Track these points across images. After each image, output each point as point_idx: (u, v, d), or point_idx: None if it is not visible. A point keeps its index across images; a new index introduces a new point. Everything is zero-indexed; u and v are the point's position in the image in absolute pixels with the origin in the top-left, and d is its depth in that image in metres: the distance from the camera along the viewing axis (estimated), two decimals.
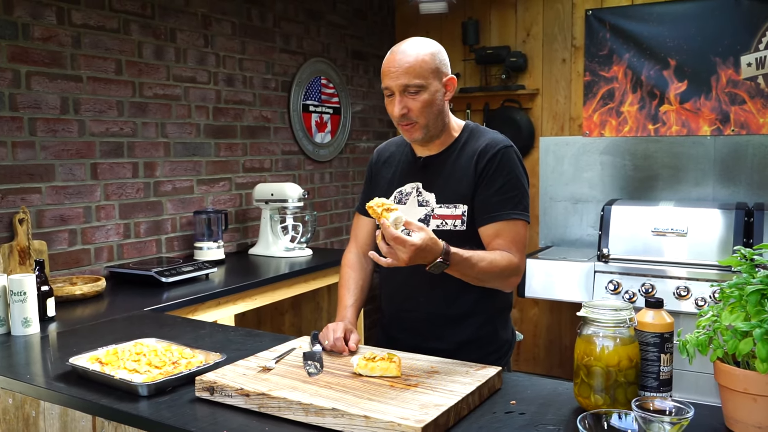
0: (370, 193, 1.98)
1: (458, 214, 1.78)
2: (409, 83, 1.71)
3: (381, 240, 1.52)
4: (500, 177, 1.75)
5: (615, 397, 1.32)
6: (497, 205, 1.75)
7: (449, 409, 1.30)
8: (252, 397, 1.39)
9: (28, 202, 2.67)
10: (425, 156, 1.87)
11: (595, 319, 1.35)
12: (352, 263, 2.00)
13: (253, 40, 3.77)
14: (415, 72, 1.71)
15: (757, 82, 3.80)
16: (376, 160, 2.02)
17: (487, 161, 1.76)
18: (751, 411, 1.21)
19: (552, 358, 4.56)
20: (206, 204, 3.51)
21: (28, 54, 2.66)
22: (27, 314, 2.05)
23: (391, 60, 1.74)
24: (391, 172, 1.95)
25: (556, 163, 4.41)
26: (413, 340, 1.83)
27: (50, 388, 1.59)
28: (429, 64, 1.73)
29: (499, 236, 1.74)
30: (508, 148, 1.80)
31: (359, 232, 2.03)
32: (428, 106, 1.74)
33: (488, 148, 1.78)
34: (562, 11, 4.38)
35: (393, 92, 1.74)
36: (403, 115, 1.74)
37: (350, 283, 1.95)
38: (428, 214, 1.81)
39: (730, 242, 3.40)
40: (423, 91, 1.72)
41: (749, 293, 1.23)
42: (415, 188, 1.86)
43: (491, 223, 1.75)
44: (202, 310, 2.62)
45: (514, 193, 1.76)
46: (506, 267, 1.70)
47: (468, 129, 1.88)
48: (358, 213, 2.04)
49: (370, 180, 2.02)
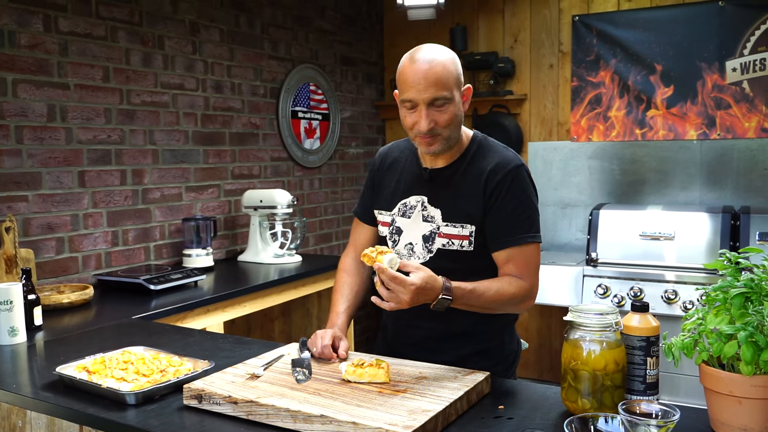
0: (372, 199, 1.94)
1: (465, 234, 1.72)
2: (437, 96, 1.62)
3: (380, 285, 1.50)
4: (512, 199, 1.70)
5: (602, 401, 1.33)
6: (510, 230, 1.70)
7: (437, 415, 1.31)
8: (240, 404, 1.39)
9: (15, 210, 2.65)
10: (432, 168, 1.79)
11: (582, 324, 1.35)
12: (349, 268, 1.97)
13: (241, 46, 3.77)
14: (442, 84, 1.62)
15: (742, 87, 3.83)
16: (380, 164, 1.94)
17: (498, 183, 1.70)
18: (737, 413, 1.22)
19: (542, 363, 4.57)
20: (195, 211, 3.50)
21: (14, 62, 2.64)
22: (14, 323, 2.04)
23: (414, 70, 1.63)
24: (394, 181, 1.87)
25: (545, 168, 4.43)
26: (419, 354, 1.75)
27: (37, 398, 1.58)
28: (453, 74, 1.65)
29: (510, 261, 1.70)
30: (519, 167, 1.73)
31: (358, 236, 1.99)
32: (454, 118, 1.66)
33: (498, 168, 1.72)
34: (549, 17, 4.41)
35: (417, 104, 1.64)
36: (430, 129, 1.65)
37: (345, 288, 1.92)
38: (434, 231, 1.76)
39: (717, 245, 3.43)
40: (449, 103, 1.64)
41: (733, 296, 1.24)
42: (420, 202, 1.80)
43: (504, 249, 1.70)
44: (191, 317, 2.61)
45: (527, 215, 1.72)
46: (515, 294, 1.67)
47: (476, 141, 1.80)
48: (357, 218, 2.00)
49: (372, 186, 1.94)
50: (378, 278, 1.50)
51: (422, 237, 1.78)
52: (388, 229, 1.86)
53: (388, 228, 1.86)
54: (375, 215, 1.93)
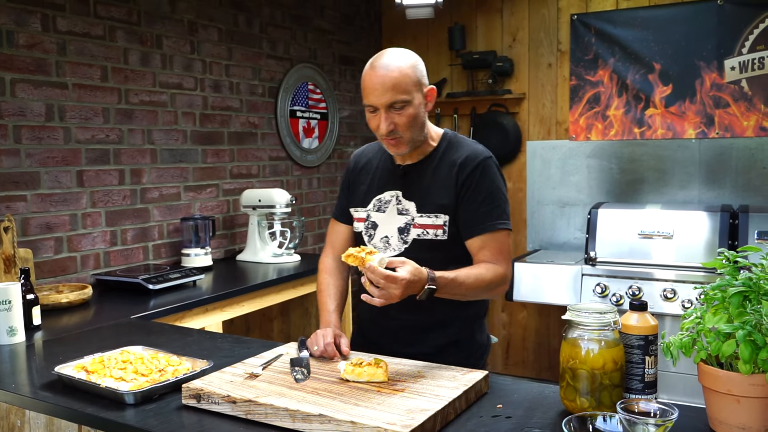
0: (347, 199, 2.00)
1: (440, 224, 1.80)
2: (395, 99, 1.70)
3: (369, 284, 1.53)
4: (483, 189, 1.78)
5: (600, 400, 1.33)
6: (482, 218, 1.77)
7: (436, 414, 1.31)
8: (239, 404, 1.39)
9: (14, 209, 2.65)
10: (405, 164, 1.88)
11: (580, 323, 1.36)
12: (330, 269, 2.01)
13: (239, 46, 3.76)
14: (400, 88, 1.70)
15: (740, 85, 3.83)
16: (354, 166, 2.02)
17: (469, 173, 1.79)
18: (735, 412, 1.22)
19: (541, 361, 4.58)
20: (193, 210, 3.50)
21: (12, 61, 2.64)
22: (12, 323, 2.04)
23: (372, 76, 1.72)
24: (369, 179, 1.95)
25: (543, 167, 4.43)
26: (395, 345, 1.84)
27: (36, 398, 1.57)
28: (411, 77, 1.73)
29: (484, 248, 1.77)
30: (488, 159, 1.83)
31: (336, 237, 2.04)
32: (413, 119, 1.74)
33: (468, 160, 1.81)
34: (548, 16, 4.41)
35: (377, 108, 1.73)
36: (390, 131, 1.73)
37: (330, 288, 1.96)
38: (408, 222, 1.82)
39: (716, 244, 3.43)
40: (408, 105, 1.72)
41: (731, 295, 1.24)
42: (394, 196, 1.87)
43: (477, 236, 1.78)
44: (190, 317, 2.61)
45: (497, 203, 1.79)
46: (492, 279, 1.73)
47: (447, 138, 1.89)
48: (335, 219, 2.05)
49: (348, 186, 2.02)
50: (366, 277, 1.53)
51: (397, 229, 1.84)
52: (363, 224, 1.92)
53: (364, 223, 1.92)
54: (351, 214, 1.98)
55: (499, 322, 4.71)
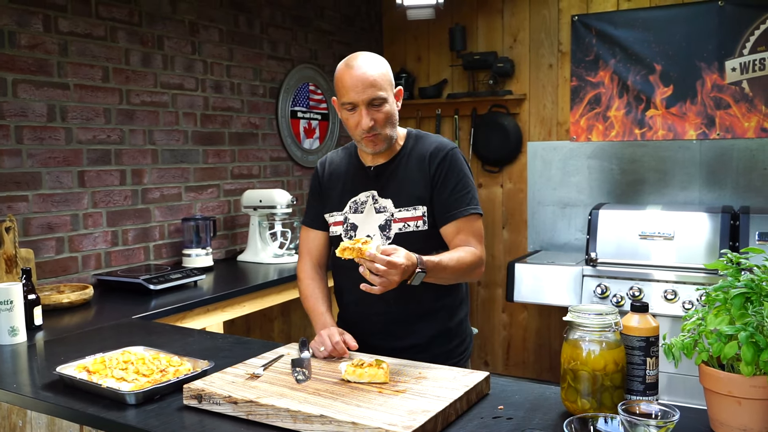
0: (320, 206, 2.01)
1: (419, 215, 1.86)
2: (375, 96, 1.77)
3: (369, 273, 1.54)
4: (453, 177, 1.86)
5: (601, 401, 1.33)
6: (454, 204, 1.84)
7: (437, 415, 1.31)
8: (240, 404, 1.39)
9: (15, 210, 2.65)
10: (376, 165, 1.92)
11: (581, 324, 1.36)
12: (311, 275, 2.02)
13: (240, 46, 3.77)
14: (378, 85, 1.78)
15: (741, 86, 3.84)
16: (322, 172, 2.03)
17: (438, 163, 1.86)
18: (736, 414, 1.22)
19: (542, 362, 4.58)
20: (194, 211, 3.50)
21: (14, 62, 2.64)
22: (14, 323, 2.04)
23: (351, 75, 1.78)
24: (341, 183, 1.98)
25: (544, 168, 4.44)
26: (385, 340, 1.88)
27: (37, 398, 1.58)
28: (386, 76, 1.81)
29: (460, 232, 1.84)
30: (454, 149, 1.91)
31: (311, 245, 2.04)
32: (390, 116, 1.82)
33: (437, 151, 1.88)
34: (549, 17, 4.41)
35: (356, 106, 1.78)
36: (371, 127, 1.78)
37: (316, 292, 1.98)
38: (388, 219, 1.86)
39: (717, 245, 3.43)
40: (385, 102, 1.80)
41: (734, 296, 1.24)
42: (370, 196, 1.91)
43: (451, 222, 1.84)
44: (191, 317, 2.61)
45: (466, 190, 1.86)
46: (472, 261, 1.80)
47: (412, 135, 1.96)
48: (306, 227, 2.05)
49: (319, 194, 2.02)
50: (365, 267, 1.54)
51: (378, 227, 1.88)
52: (342, 227, 1.94)
53: (342, 226, 1.94)
54: (326, 219, 1.99)
55: (499, 322, 4.71)
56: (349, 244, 1.56)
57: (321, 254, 2.04)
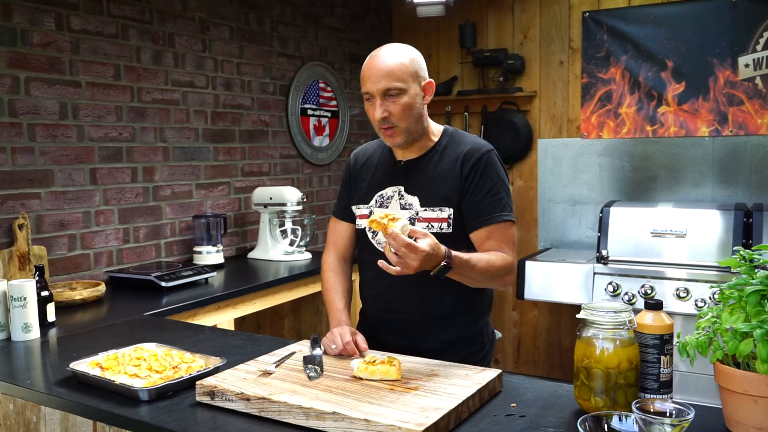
0: (348, 196, 2.00)
1: (444, 217, 1.80)
2: (390, 86, 1.73)
3: (390, 251, 1.52)
4: (487, 181, 1.79)
5: (615, 399, 1.32)
6: (487, 209, 1.78)
7: (450, 412, 1.30)
8: (252, 401, 1.39)
9: (28, 207, 2.67)
10: (406, 160, 1.88)
11: (595, 322, 1.35)
12: (335, 267, 2.01)
13: (250, 44, 3.77)
14: (395, 75, 1.73)
15: (754, 83, 3.80)
16: (354, 163, 2.02)
17: (473, 165, 1.80)
18: (752, 412, 1.21)
19: (552, 360, 4.56)
20: (205, 208, 3.51)
21: (27, 60, 2.66)
22: (27, 319, 2.05)
23: (370, 65, 1.76)
24: (370, 175, 1.95)
25: (555, 165, 4.42)
26: (401, 341, 1.85)
27: (51, 393, 1.59)
28: (408, 67, 1.75)
29: (491, 238, 1.78)
30: (490, 152, 1.84)
31: (338, 236, 2.04)
32: (408, 109, 1.76)
33: (472, 152, 1.81)
34: (559, 13, 4.39)
35: (373, 96, 1.75)
36: (384, 118, 1.75)
37: (337, 286, 1.97)
38: (413, 217, 1.82)
39: (729, 243, 3.41)
40: (403, 94, 1.74)
41: (749, 294, 1.23)
42: (396, 191, 1.87)
43: (483, 227, 1.78)
44: (202, 314, 2.62)
45: (501, 195, 1.80)
46: (502, 266, 1.74)
47: (448, 133, 1.90)
48: (335, 217, 2.04)
49: (348, 183, 2.02)
50: (387, 244, 1.52)
51: None
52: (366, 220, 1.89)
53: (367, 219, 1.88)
54: (353, 211, 1.97)
55: (509, 320, 4.69)
56: (378, 218, 1.53)
57: (346, 246, 2.02)
